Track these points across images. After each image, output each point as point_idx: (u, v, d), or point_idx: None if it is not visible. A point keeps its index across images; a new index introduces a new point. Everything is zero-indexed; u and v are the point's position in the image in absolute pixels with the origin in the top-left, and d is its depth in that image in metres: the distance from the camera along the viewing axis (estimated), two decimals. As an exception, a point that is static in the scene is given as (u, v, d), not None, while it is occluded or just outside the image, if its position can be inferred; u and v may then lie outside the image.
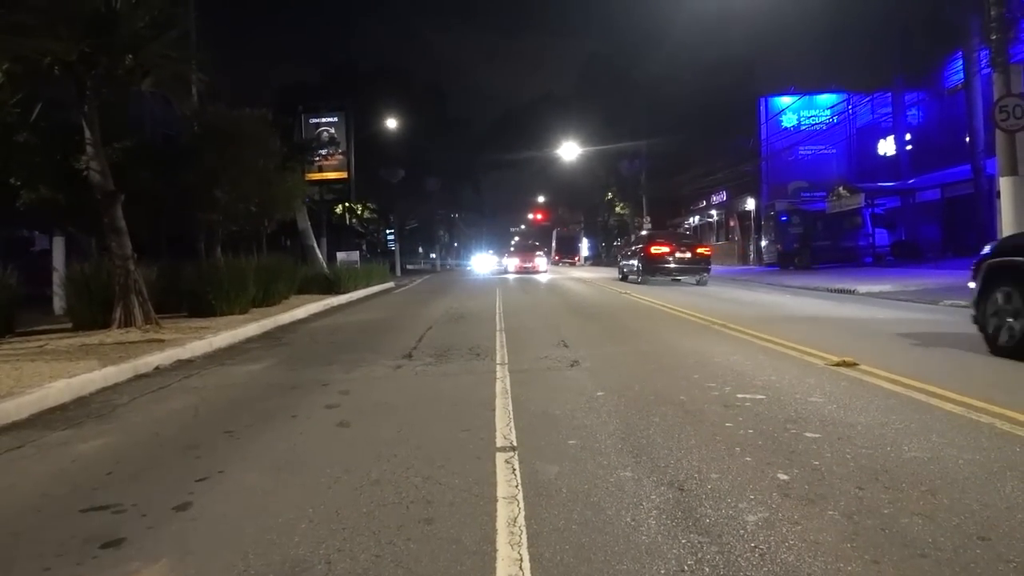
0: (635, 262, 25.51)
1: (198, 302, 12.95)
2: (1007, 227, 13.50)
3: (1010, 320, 7.32)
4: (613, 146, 49.69)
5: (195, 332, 10.43)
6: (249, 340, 10.77)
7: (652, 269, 23.94)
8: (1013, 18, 14.91)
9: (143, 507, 3.56)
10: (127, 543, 3.13)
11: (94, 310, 11.04)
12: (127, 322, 10.62)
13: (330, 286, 19.96)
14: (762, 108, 39.61)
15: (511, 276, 35.15)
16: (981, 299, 7.89)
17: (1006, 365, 6.99)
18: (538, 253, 41.50)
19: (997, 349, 7.51)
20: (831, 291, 18.46)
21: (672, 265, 23.76)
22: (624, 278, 27.40)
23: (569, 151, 53.31)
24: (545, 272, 36.46)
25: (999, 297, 7.52)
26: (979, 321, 7.96)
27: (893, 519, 3.15)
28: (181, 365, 8.34)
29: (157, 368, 8.06)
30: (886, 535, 2.98)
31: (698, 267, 23.77)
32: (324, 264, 23.85)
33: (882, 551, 2.83)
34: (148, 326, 10.71)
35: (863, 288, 17.89)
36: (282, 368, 7.98)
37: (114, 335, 10.05)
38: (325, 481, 3.88)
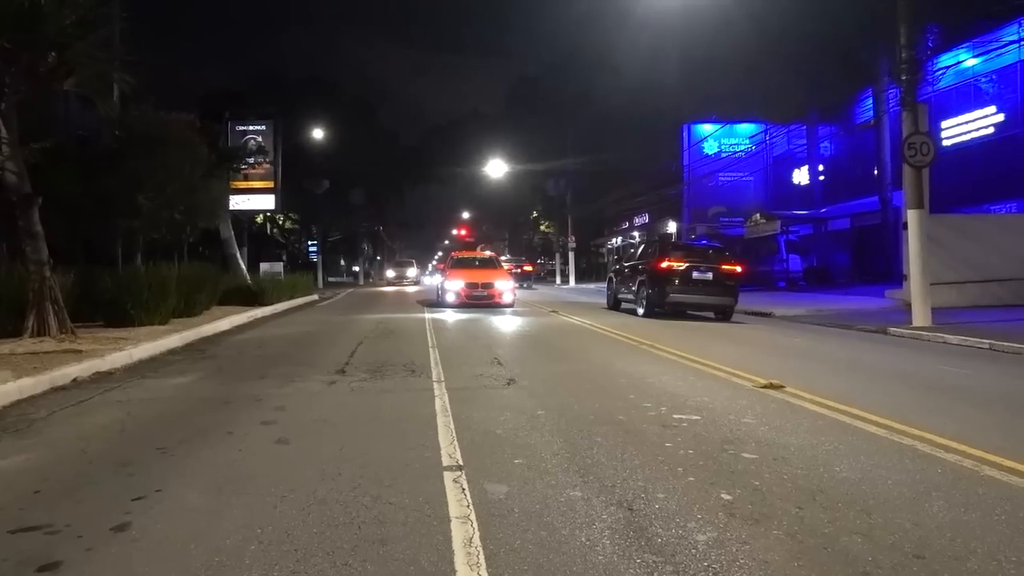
0: (636, 286, 18.42)
1: (116, 311, 12.44)
2: (913, 256, 14.24)
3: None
4: (540, 166, 50.27)
5: (114, 343, 10.01)
6: (172, 352, 10.41)
7: (664, 295, 17.13)
8: (921, 60, 15.84)
9: (78, 528, 3.40)
10: (65, 566, 2.98)
11: (4, 318, 10.46)
12: (41, 331, 10.11)
13: (253, 297, 19.47)
14: (685, 135, 40.86)
15: (448, 310, 19.16)
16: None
17: (921, 387, 7.36)
18: (498, 271, 22.31)
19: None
20: (749, 313, 19.07)
21: (692, 294, 17.16)
22: (615, 306, 20.65)
23: (496, 168, 53.63)
24: (511, 304, 20.05)
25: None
26: None
27: (834, 538, 3.28)
28: (101, 377, 7.99)
29: (75, 380, 7.71)
30: (829, 554, 3.11)
31: (724, 296, 17.31)
32: (247, 274, 23.25)
33: (827, 569, 2.95)
34: (63, 335, 10.22)
35: (779, 311, 18.57)
36: (211, 382, 7.74)
37: (26, 344, 9.54)
38: (271, 500, 3.78)
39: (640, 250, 20.67)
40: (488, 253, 29.32)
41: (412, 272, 50.53)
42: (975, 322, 14.07)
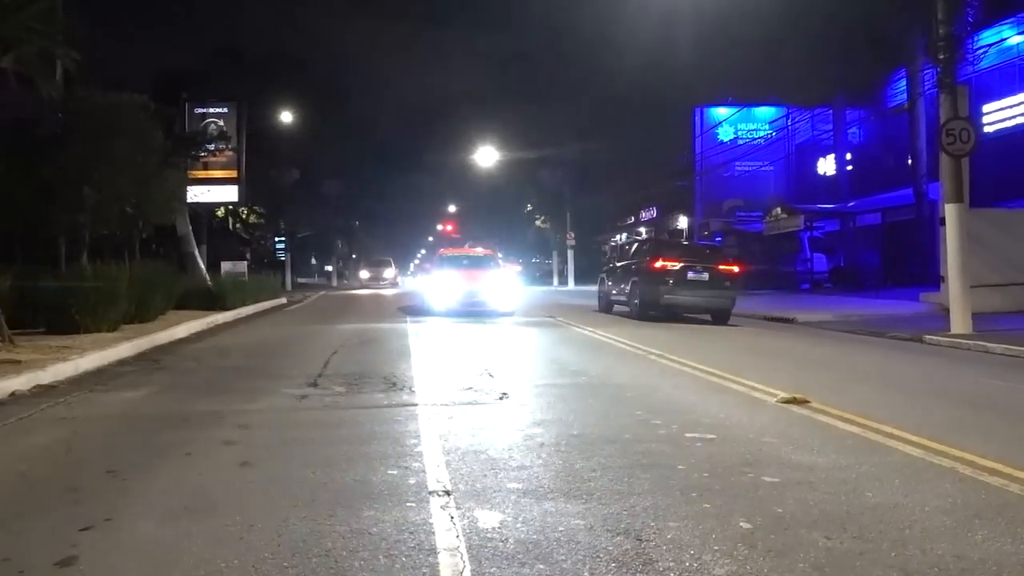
0: (629, 287, 19.08)
1: (59, 317, 12.39)
2: (952, 255, 14.29)
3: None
4: (534, 154, 50.25)
5: (57, 352, 9.98)
6: (122, 362, 10.38)
7: (658, 296, 17.79)
8: (961, 36, 15.93)
9: (18, 562, 3.38)
10: (4, 606, 2.97)
11: (-69, 324, 10.42)
12: (-26, 339, 10.06)
13: (214, 300, 19.43)
14: (697, 119, 40.93)
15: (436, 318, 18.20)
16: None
17: (962, 402, 7.40)
18: (495, 271, 21.32)
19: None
20: (768, 319, 19.15)
21: (687, 295, 17.79)
22: (608, 308, 21.10)
23: (486, 157, 53.55)
24: (511, 312, 19.29)
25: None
26: None
27: (865, 572, 3.30)
28: (43, 391, 7.96)
29: (14, 394, 7.67)
30: (861, 589, 3.12)
31: (721, 298, 17.93)
32: (206, 275, 23.22)
33: (859, 607, 2.96)
34: (0, 344, 10.18)
35: (802, 316, 18.65)
36: (166, 397, 7.72)
37: (-42, 354, 9.51)
38: (235, 531, 3.77)
39: (633, 248, 21.50)
40: (480, 250, 26.71)
41: (390, 272, 50.36)
42: (1021, 329, 14.15)
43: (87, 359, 9.72)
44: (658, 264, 17.84)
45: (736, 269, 18.58)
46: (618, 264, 21.23)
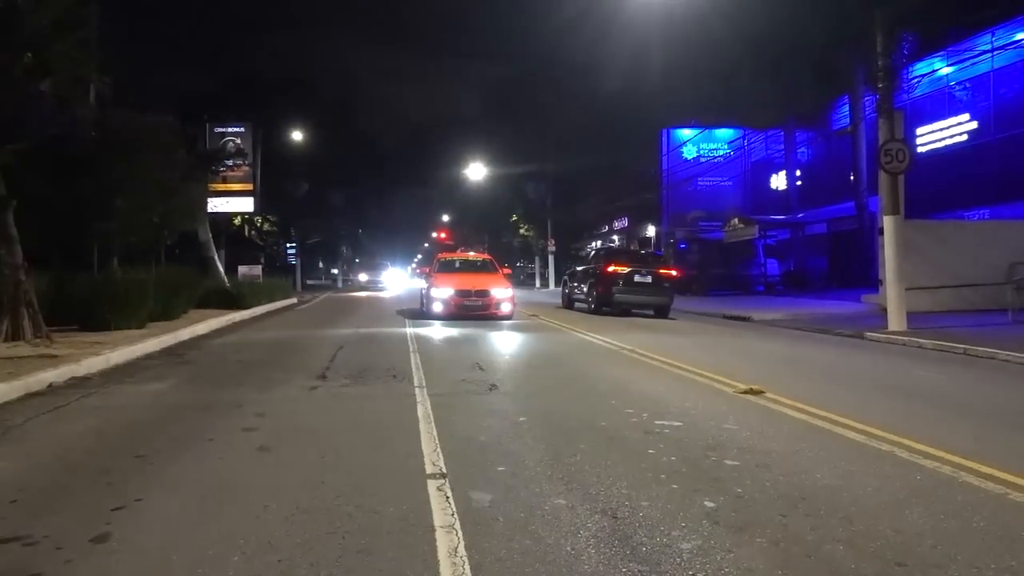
0: (587, 287, 20.85)
1: (92, 315, 12.28)
2: (889, 261, 14.40)
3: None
4: (520, 169, 50.24)
5: (90, 347, 9.89)
6: (149, 356, 10.29)
7: (610, 295, 19.24)
8: (897, 67, 16.02)
9: (57, 539, 3.34)
10: (44, 580, 2.94)
11: (-23, 322, 10.29)
12: (16, 335, 9.97)
13: (232, 301, 19.31)
14: (664, 140, 41.05)
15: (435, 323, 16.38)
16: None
17: (899, 393, 7.44)
18: (494, 276, 19.16)
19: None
20: (728, 318, 19.20)
21: (635, 294, 19.34)
22: (569, 304, 22.74)
23: (476, 171, 53.56)
24: (510, 316, 17.40)
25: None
26: None
27: (817, 546, 3.31)
28: (77, 383, 7.88)
29: (51, 386, 7.59)
30: (813, 562, 3.13)
31: (661, 296, 19.47)
32: (224, 278, 23.06)
33: (811, 577, 2.97)
34: (39, 340, 10.08)
35: (757, 315, 18.71)
36: (190, 388, 7.66)
37: (1, 349, 9.40)
38: (253, 510, 3.75)
39: (591, 255, 24.52)
40: (473, 254, 24.52)
41: (387, 276, 48.05)
42: (949, 327, 14.26)
43: (117, 353, 9.63)
44: (611, 268, 19.60)
45: (674, 273, 20.47)
46: (578, 268, 23.28)
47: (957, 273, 18.72)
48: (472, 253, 26.82)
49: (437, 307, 17.04)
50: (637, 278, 19.29)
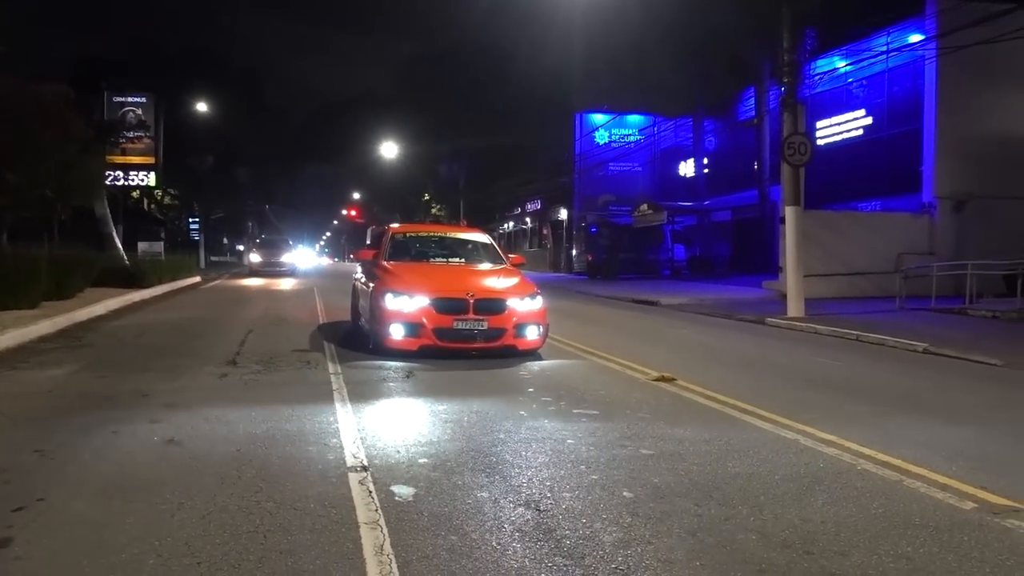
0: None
1: (-22, 295, 11.52)
2: (789, 250, 15.01)
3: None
4: (432, 147, 49.80)
5: (-23, 330, 9.28)
6: (43, 339, 9.75)
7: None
8: (801, 63, 16.66)
9: (-49, 546, 3.14)
10: (-61, 591, 2.76)
11: None
12: None
13: (131, 279, 18.44)
14: (578, 123, 41.39)
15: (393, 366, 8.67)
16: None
17: (800, 380, 7.79)
18: (503, 271, 9.89)
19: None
20: (636, 302, 19.64)
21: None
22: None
23: (388, 150, 52.74)
24: (536, 346, 9.06)
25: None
26: None
27: (731, 536, 3.44)
28: (-36, 369, 7.40)
29: (-65, 372, 7.11)
30: (727, 552, 3.26)
31: None
32: (123, 254, 22.00)
33: (727, 568, 3.09)
34: (-82, 322, 9.40)
35: (665, 300, 19.20)
36: (90, 374, 7.30)
37: None
38: (167, 508, 3.62)
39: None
40: (463, 234, 12.52)
41: (288, 257, 36.69)
42: (843, 313, 14.99)
43: (8, 335, 9.09)
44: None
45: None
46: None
47: (851, 262, 19.71)
48: (465, 232, 13.25)
49: (396, 332, 8.58)
50: None
